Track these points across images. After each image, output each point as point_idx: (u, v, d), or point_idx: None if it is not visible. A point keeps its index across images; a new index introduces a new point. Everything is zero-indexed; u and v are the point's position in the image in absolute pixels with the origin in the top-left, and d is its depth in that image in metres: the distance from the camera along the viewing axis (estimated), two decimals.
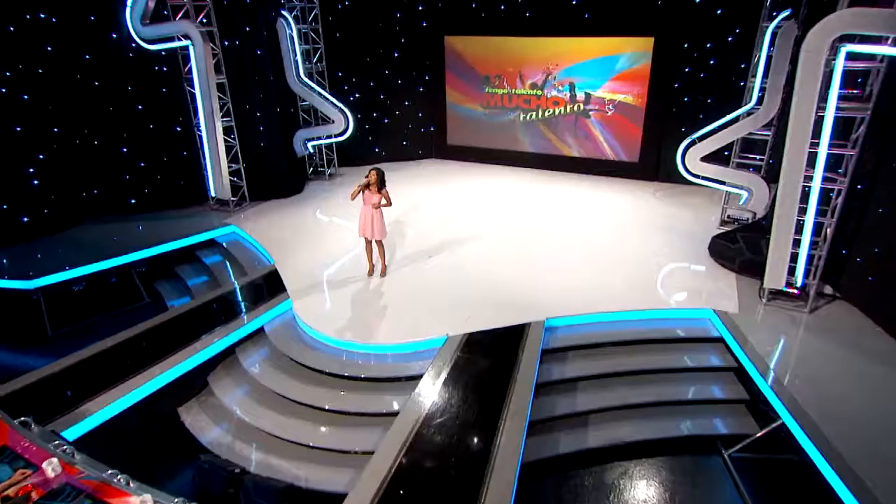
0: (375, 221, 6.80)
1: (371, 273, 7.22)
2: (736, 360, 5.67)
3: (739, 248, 7.06)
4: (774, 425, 4.85)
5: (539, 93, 11.86)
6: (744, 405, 5.53)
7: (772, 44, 7.35)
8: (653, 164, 11.23)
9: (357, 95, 12.53)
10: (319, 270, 7.49)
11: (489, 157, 12.80)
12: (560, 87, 11.60)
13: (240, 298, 6.93)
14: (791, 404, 4.73)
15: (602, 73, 11.11)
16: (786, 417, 4.63)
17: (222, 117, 9.39)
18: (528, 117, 12.15)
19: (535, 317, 6.08)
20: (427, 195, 10.53)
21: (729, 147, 8.15)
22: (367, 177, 6.96)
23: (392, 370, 5.63)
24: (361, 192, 7.02)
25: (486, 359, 5.44)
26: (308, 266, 7.54)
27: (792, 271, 5.95)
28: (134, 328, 6.05)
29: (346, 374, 5.60)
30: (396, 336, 5.91)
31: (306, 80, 11.00)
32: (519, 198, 10.23)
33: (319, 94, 11.05)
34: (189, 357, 5.71)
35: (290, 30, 10.52)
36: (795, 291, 6.04)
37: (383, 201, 6.75)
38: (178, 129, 9.81)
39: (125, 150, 9.47)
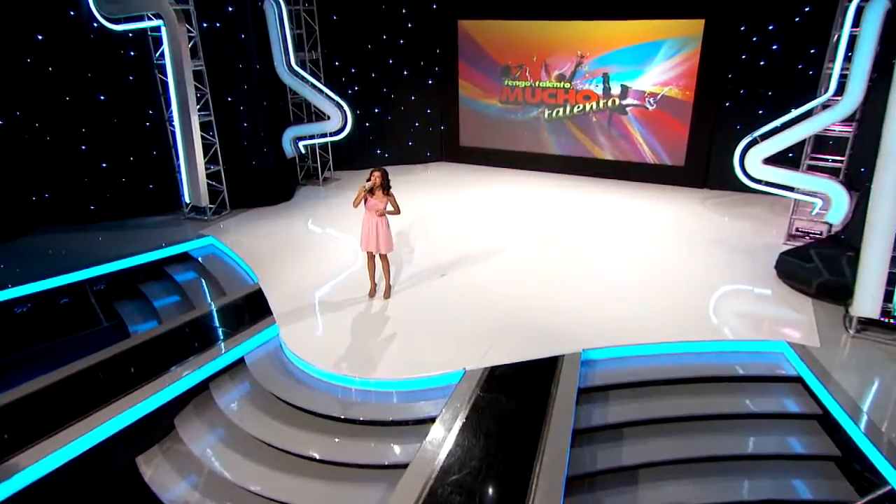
0: (381, 232, 6.68)
1: (373, 294, 7.11)
2: (819, 404, 5.34)
3: (815, 267, 6.83)
4: (881, 492, 4.35)
5: (567, 86, 11.81)
6: (833, 462, 5.11)
7: (855, 22, 7.11)
8: (701, 168, 11.08)
9: (356, 88, 12.55)
10: (311, 291, 7.39)
11: (509, 161, 12.79)
12: (592, 79, 11.57)
13: (216, 323, 6.83)
14: None
15: (642, 61, 11.00)
16: (895, 480, 4.20)
17: (199, 111, 9.34)
18: (554, 114, 12.14)
19: (568, 348, 5.88)
20: (437, 204, 10.51)
21: (793, 148, 7.91)
22: (369, 179, 6.81)
23: (398, 412, 5.39)
24: (364, 199, 6.87)
25: (513, 398, 5.22)
26: (298, 286, 7.46)
27: (889, 296, 5.67)
28: (86, 359, 5.86)
29: (342, 417, 5.38)
30: (403, 370, 5.71)
31: (298, 69, 10.99)
32: (544, 207, 10.22)
33: (313, 85, 11.03)
34: (153, 394, 5.49)
35: (279, 11, 10.48)
36: (894, 321, 5.73)
37: (390, 207, 6.64)
38: (148, 123, 9.76)
39: (84, 147, 9.36)
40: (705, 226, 9.19)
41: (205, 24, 9.26)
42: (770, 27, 9.77)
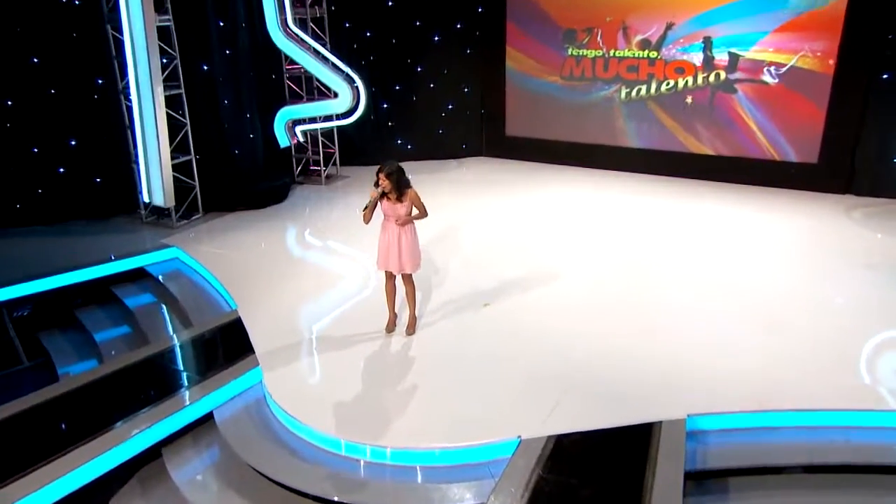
0: (405, 245, 6.62)
1: (392, 328, 7.03)
2: None
3: None
4: None
5: (653, 55, 11.77)
6: None
7: None
8: (844, 166, 10.81)
9: (372, 58, 13.02)
10: (308, 323, 7.40)
11: (570, 156, 12.85)
12: (688, 46, 11.48)
13: (177, 365, 6.78)
14: None
15: (758, 19, 10.77)
16: None
17: (166, 82, 9.38)
18: (633, 94, 12.13)
19: (666, 411, 5.65)
20: (476, 211, 10.62)
21: None
22: (377, 181, 6.59)
23: (424, 497, 5.10)
24: (377, 206, 6.66)
25: (589, 483, 4.93)
26: (290, 316, 7.49)
27: None
28: None
29: (345, 503, 5.07)
30: (432, 436, 5.49)
31: (297, 31, 11.09)
32: (620, 219, 10.23)
33: (316, 52, 11.14)
34: (83, 464, 5.25)
35: None
36: None
37: (413, 210, 6.58)
38: (96, 96, 9.79)
39: (8, 125, 9.34)
40: (852, 246, 8.99)
41: None
42: None
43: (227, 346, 7.04)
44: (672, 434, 5.38)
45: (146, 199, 9.85)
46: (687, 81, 11.63)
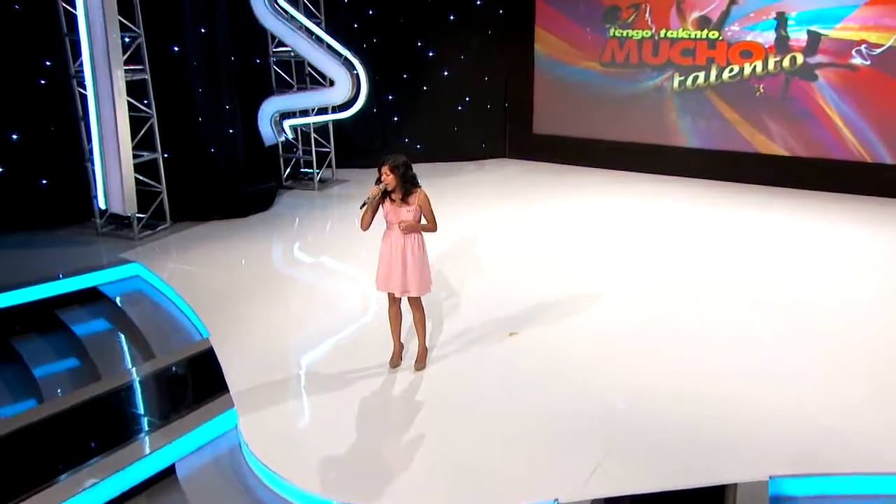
0: (410, 261, 6.51)
1: (396, 363, 6.95)
2: None
3: None
4: None
5: (714, 35, 11.83)
6: None
7: None
8: None
9: (375, 41, 13.25)
10: (295, 355, 7.36)
11: (612, 158, 12.97)
12: (756, 24, 11.54)
13: (135, 405, 6.69)
14: None
15: None
16: None
17: (128, 64, 9.37)
18: (689, 82, 12.20)
19: (742, 471, 5.46)
20: (498, 222, 10.76)
21: None
22: (379, 177, 6.47)
23: None
24: (378, 208, 6.55)
25: None
26: (274, 346, 7.44)
27: None
28: None
29: None
30: (442, 497, 5.39)
31: (286, 7, 11.30)
32: (672, 232, 10.32)
33: (309, 32, 11.31)
34: None
35: None
36: None
37: (422, 219, 6.48)
38: (43, 81, 9.81)
39: None
40: None
41: None
42: None
43: (195, 383, 7.02)
44: (751, 501, 5.22)
45: (102, 206, 9.84)
46: (755, 67, 11.67)
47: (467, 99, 13.51)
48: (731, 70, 11.82)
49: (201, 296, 8.33)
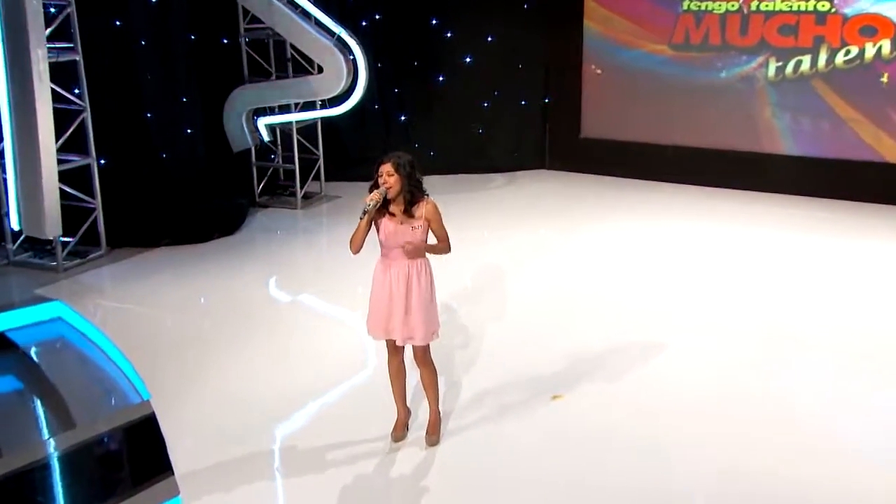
0: (414, 296, 6.30)
1: (401, 433, 6.74)
2: None
3: None
4: None
5: (825, 6, 11.79)
6: None
7: None
8: None
9: (377, 17, 13.24)
10: (265, 424, 7.16)
11: (684, 169, 13.01)
12: None
13: (47, 490, 6.13)
14: None
15: None
16: None
17: (52, 41, 9.35)
18: (790, 69, 12.19)
19: None
20: (534, 251, 10.80)
21: None
22: (376, 182, 6.24)
23: None
24: (374, 222, 6.29)
25: None
26: (236, 413, 7.27)
27: None
28: None
29: None
30: None
31: None
32: (767, 267, 10.30)
33: (292, 4, 11.36)
34: None
35: None
36: None
37: (430, 237, 6.35)
38: None
39: None
40: None
41: None
42: None
43: (130, 461, 6.10)
44: None
45: (15, 227, 9.74)
46: (880, 48, 11.56)
47: (496, 93, 13.49)
48: (848, 52, 11.75)
49: (143, 345, 8.11)
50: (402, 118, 13.43)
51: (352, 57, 11.25)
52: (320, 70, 11.39)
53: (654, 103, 12.95)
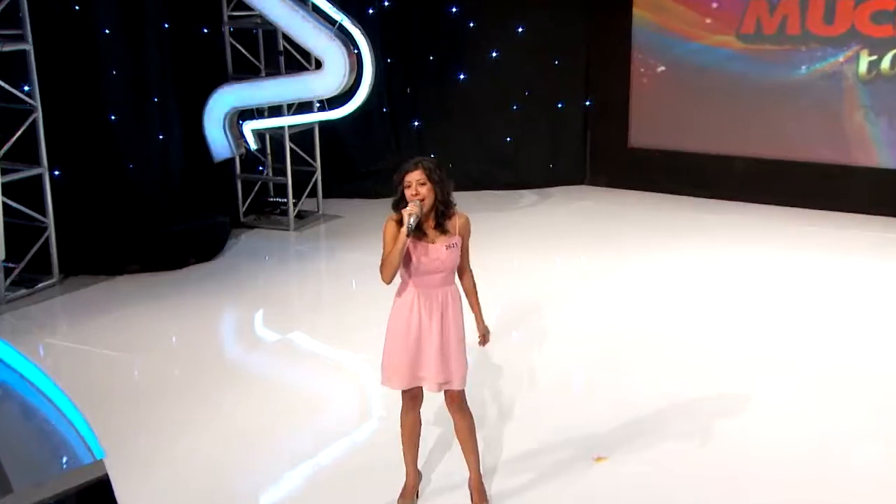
0: (452, 330, 6.23)
1: (410, 502, 6.67)
2: None
3: None
4: None
5: None
6: None
7: None
8: None
9: (385, 3, 13.29)
10: (244, 491, 7.08)
11: (757, 186, 13.04)
12: None
13: None
14: None
15: None
16: None
17: None
18: (886, 65, 12.14)
19: None
20: (574, 284, 10.80)
21: None
22: (402, 193, 6.06)
23: None
24: (408, 243, 6.14)
25: None
26: (209, 476, 7.15)
27: None
28: None
29: None
30: None
31: None
32: (859, 303, 10.22)
33: None
34: None
35: None
36: None
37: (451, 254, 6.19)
38: None
39: None
40: None
41: None
42: None
43: None
44: None
45: None
46: None
47: (527, 94, 13.41)
48: None
49: (100, 394, 8.03)
50: (415, 124, 13.40)
51: (356, 50, 11.20)
52: (318, 66, 11.35)
53: (718, 106, 12.93)
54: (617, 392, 8.20)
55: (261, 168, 12.48)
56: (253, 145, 11.88)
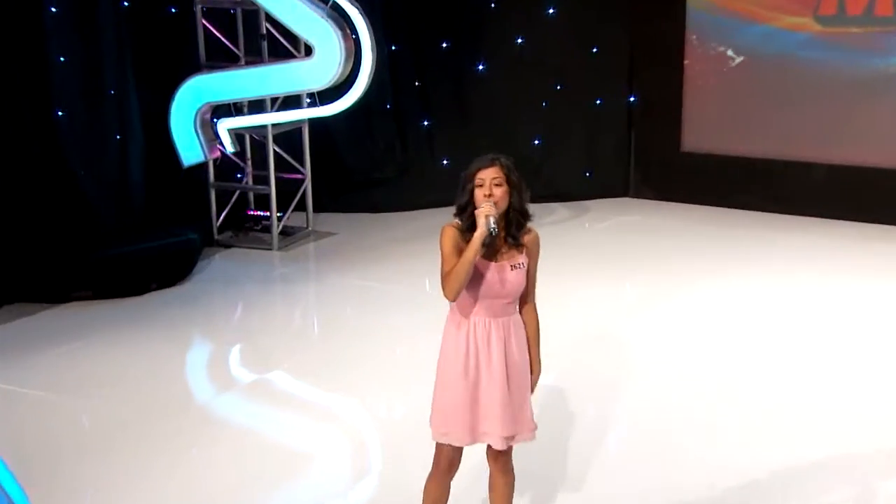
0: (519, 368, 6.06)
1: None
2: None
3: None
4: None
5: None
6: None
7: None
8: None
9: None
10: None
11: (841, 198, 13.06)
12: None
13: None
14: None
15: None
16: None
17: None
18: None
19: None
20: (619, 316, 10.78)
21: None
22: (471, 195, 5.79)
23: None
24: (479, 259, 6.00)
25: None
26: None
27: None
28: None
29: None
30: None
31: None
32: None
33: None
34: None
35: None
36: None
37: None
38: None
39: None
40: None
41: None
42: None
43: None
44: None
45: None
46: None
47: (559, 88, 13.43)
48: None
49: (36, 447, 7.96)
50: (425, 123, 13.44)
51: (353, 34, 11.22)
52: (308, 52, 11.38)
53: (792, 103, 12.88)
54: (693, 456, 7.93)
55: (239, 175, 12.49)
56: (230, 148, 11.83)
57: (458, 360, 5.91)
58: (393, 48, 12.92)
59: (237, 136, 11.96)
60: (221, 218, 12.32)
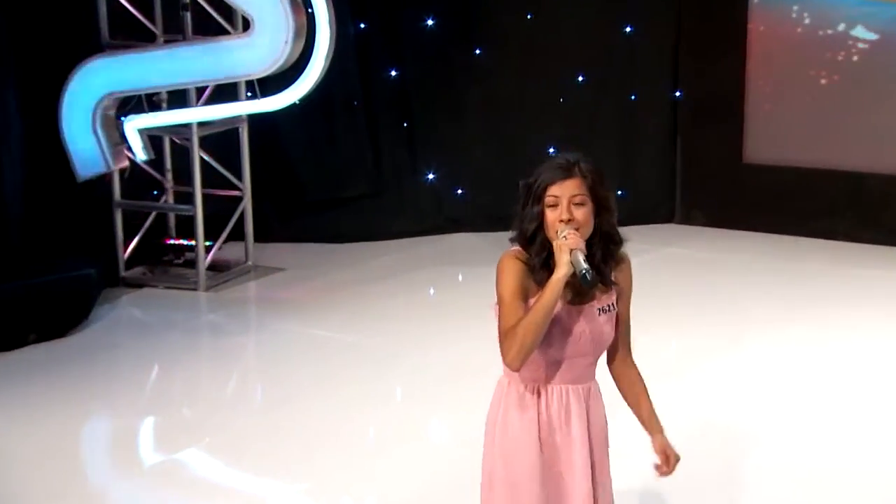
0: (599, 449, 5.87)
1: None
2: None
3: None
4: None
5: None
6: None
7: None
8: None
9: None
10: None
11: None
12: None
13: None
14: None
15: None
16: None
17: None
18: None
19: None
20: (666, 372, 10.10)
21: None
22: (541, 211, 5.39)
23: None
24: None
25: None
26: None
27: None
28: None
29: None
30: None
31: None
32: None
33: None
34: None
35: None
36: None
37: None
38: None
39: None
40: None
41: None
42: None
43: None
44: None
45: None
46: None
47: (580, 79, 13.74)
48: None
49: None
50: (405, 125, 13.57)
51: (307, 7, 11.35)
52: (246, 27, 11.42)
53: (890, 102, 12.50)
54: None
55: (155, 192, 12.57)
56: (141, 155, 11.89)
57: (528, 456, 5.41)
58: (361, 26, 13.07)
59: (152, 139, 11.96)
60: (131, 248, 12.35)
